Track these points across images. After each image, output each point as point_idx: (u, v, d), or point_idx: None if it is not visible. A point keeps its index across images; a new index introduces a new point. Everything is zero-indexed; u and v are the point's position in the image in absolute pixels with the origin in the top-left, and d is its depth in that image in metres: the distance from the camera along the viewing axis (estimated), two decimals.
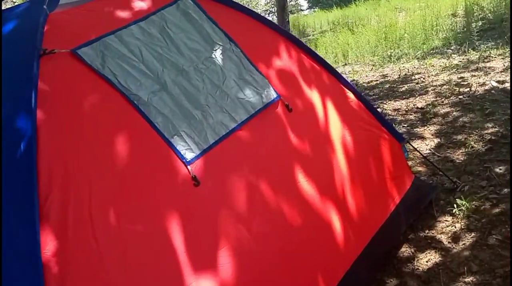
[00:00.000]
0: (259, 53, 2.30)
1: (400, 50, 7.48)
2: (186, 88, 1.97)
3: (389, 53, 7.43)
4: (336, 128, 2.40)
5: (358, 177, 2.41)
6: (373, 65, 7.13)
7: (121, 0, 2.13)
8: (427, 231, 2.67)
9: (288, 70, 2.37)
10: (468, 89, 4.68)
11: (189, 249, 1.70)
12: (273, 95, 2.19)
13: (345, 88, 2.58)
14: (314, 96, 2.39)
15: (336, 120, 2.42)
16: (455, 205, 2.75)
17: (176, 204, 1.76)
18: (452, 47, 6.86)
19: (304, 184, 2.13)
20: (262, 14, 3.60)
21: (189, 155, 1.84)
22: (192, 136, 1.88)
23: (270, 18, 5.43)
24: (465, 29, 7.70)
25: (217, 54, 2.13)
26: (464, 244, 2.50)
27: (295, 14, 19.54)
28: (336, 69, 2.45)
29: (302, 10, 23.98)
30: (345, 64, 7.88)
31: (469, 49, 6.27)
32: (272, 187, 2.01)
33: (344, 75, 2.67)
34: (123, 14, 2.07)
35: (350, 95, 2.59)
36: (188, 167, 1.81)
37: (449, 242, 2.54)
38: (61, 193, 1.56)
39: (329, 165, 2.29)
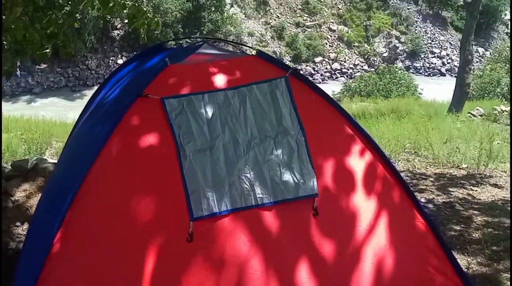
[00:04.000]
0: (325, 147, 2.35)
1: None
2: (229, 155, 2.21)
3: None
4: (376, 251, 2.24)
5: None
6: None
7: (230, 69, 2.48)
8: None
9: (349, 172, 2.33)
10: None
11: None
12: (312, 191, 2.21)
13: (417, 215, 2.35)
14: (366, 208, 2.29)
15: (382, 243, 2.26)
16: None
17: (164, 249, 2.05)
18: None
19: None
20: None
21: (197, 213, 2.09)
22: (210, 198, 2.12)
23: None
24: None
25: (278, 137, 2.29)
26: None
27: None
28: None
29: None
30: None
31: None
32: (263, 276, 2.09)
33: None
34: (222, 79, 2.43)
35: (420, 225, 2.34)
36: (191, 222, 2.08)
37: None
38: (86, 213, 2.05)
39: None
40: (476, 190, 5.22)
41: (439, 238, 2.36)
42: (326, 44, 32.56)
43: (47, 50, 4.52)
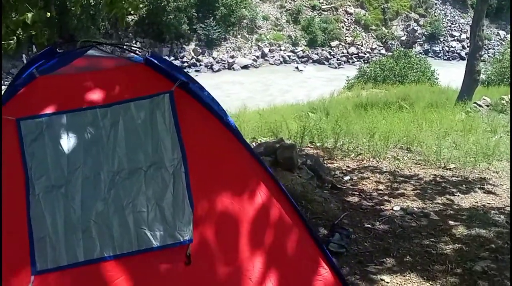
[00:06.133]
0: (211, 182, 1.97)
1: None
2: (87, 196, 1.87)
3: None
4: None
5: None
6: None
7: (110, 80, 2.10)
8: None
9: (236, 213, 1.95)
10: None
11: None
12: (186, 236, 1.86)
13: (321, 262, 1.97)
14: (254, 257, 1.91)
15: None
16: None
17: None
18: None
19: None
20: None
21: (41, 265, 1.77)
22: (57, 248, 1.79)
23: None
24: None
25: (151, 169, 1.92)
26: None
27: None
28: None
29: None
30: None
31: None
32: None
33: None
34: (97, 94, 2.06)
35: (324, 273, 1.96)
36: (32, 277, 1.75)
37: None
38: None
39: None
40: (458, 195, 4.77)
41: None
42: (343, 27, 31.66)
43: (12, 41, 4.48)
